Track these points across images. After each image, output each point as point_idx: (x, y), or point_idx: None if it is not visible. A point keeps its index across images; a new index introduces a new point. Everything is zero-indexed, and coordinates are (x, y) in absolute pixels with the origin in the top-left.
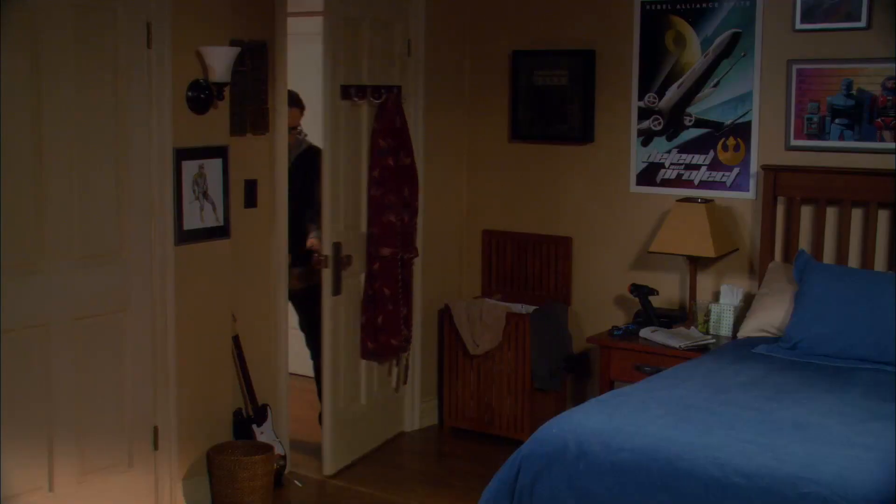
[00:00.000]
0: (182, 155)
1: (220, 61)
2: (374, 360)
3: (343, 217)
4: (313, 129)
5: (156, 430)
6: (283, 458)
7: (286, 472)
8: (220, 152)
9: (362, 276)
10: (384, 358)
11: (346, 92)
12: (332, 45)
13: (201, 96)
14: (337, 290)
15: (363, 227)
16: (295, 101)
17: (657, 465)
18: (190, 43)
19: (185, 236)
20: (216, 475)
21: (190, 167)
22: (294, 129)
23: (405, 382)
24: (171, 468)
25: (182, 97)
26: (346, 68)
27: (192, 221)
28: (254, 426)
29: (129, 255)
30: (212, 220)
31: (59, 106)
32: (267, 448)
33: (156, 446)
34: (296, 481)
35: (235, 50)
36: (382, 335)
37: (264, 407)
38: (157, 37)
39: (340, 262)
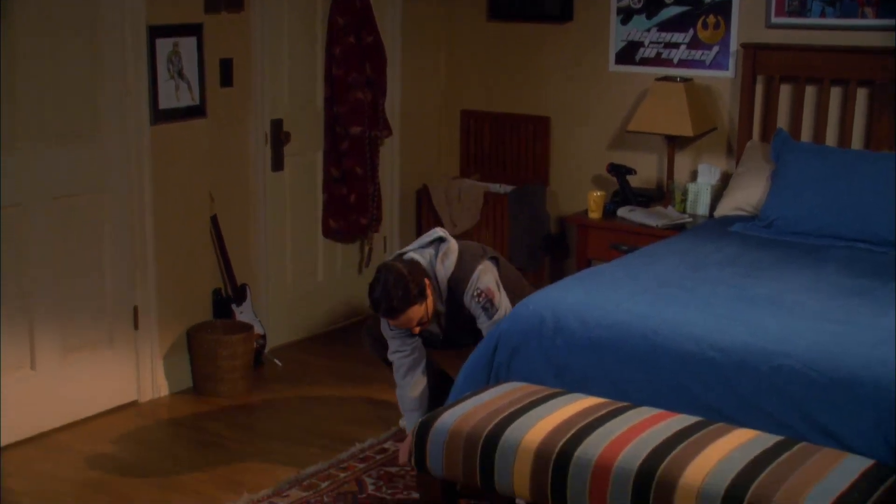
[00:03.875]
0: (156, 33)
1: None
2: (337, 240)
3: (287, 94)
4: None
5: (136, 309)
6: (263, 337)
7: (266, 351)
8: (194, 30)
9: (318, 155)
10: (349, 237)
11: None
12: None
13: None
14: (279, 166)
15: (318, 105)
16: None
17: (634, 340)
18: None
19: (160, 116)
20: (196, 354)
21: (164, 45)
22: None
23: (367, 265)
24: (151, 347)
25: None
26: None
27: (167, 101)
28: (233, 306)
29: (105, 135)
30: (187, 99)
31: None
32: (246, 327)
33: (136, 325)
34: (275, 360)
35: None
36: (353, 214)
37: (243, 287)
38: None
39: (280, 139)
